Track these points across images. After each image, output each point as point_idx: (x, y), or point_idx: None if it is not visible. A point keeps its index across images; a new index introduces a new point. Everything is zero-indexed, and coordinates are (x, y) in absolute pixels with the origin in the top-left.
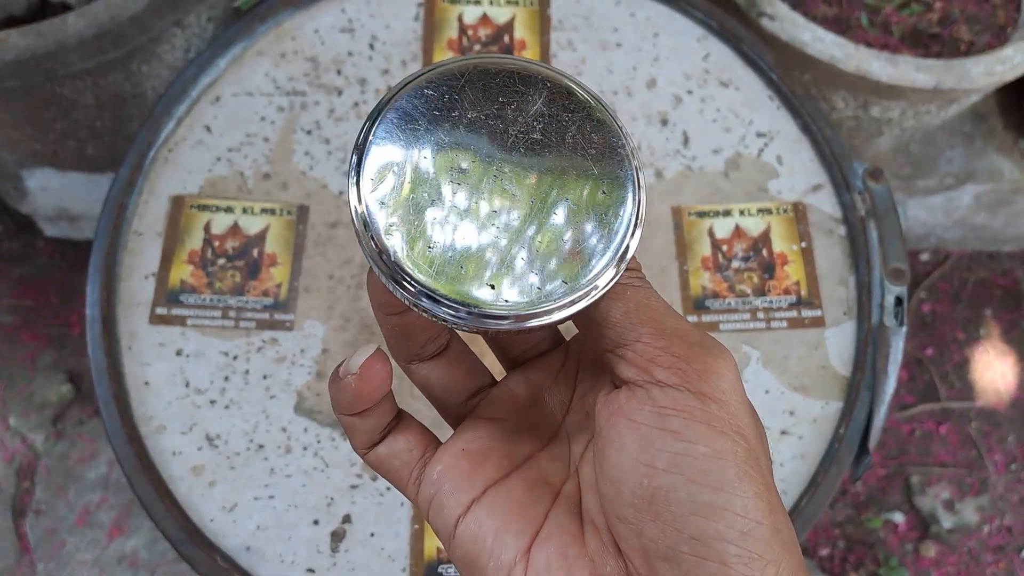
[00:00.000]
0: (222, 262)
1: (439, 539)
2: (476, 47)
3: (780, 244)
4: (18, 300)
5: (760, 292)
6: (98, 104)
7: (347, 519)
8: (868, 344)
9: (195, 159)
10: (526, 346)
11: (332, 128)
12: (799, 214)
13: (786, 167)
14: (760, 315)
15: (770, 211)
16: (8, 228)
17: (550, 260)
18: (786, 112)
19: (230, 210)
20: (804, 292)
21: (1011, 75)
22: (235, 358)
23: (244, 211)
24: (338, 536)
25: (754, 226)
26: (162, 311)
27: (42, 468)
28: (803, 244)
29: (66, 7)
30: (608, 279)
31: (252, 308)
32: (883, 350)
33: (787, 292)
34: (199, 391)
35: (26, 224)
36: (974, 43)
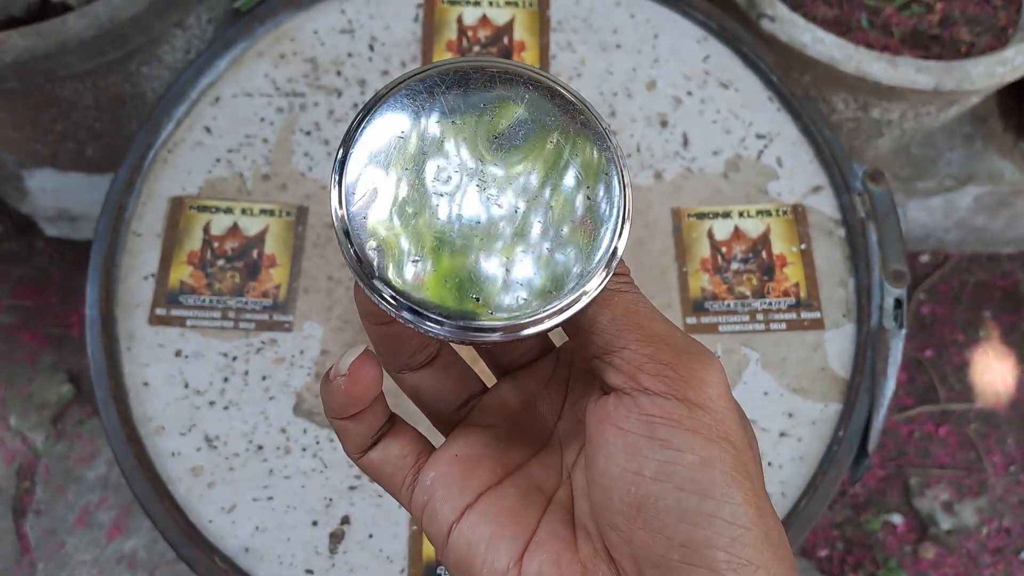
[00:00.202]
0: (221, 263)
1: (432, 545)
2: (475, 48)
3: (780, 246)
4: (18, 300)
5: (759, 294)
6: (98, 105)
7: (346, 520)
8: (867, 346)
9: (194, 160)
10: (516, 354)
11: (331, 129)
12: (799, 216)
13: (786, 169)
14: (759, 317)
15: (770, 213)
16: (8, 228)
17: (536, 267)
18: (786, 114)
19: (229, 211)
20: (803, 294)
21: (1012, 77)
22: (234, 359)
23: (243, 212)
24: (337, 537)
25: (754, 228)
26: (161, 312)
27: (42, 468)
28: (803, 246)
29: (66, 8)
30: (597, 283)
31: (251, 309)
32: (882, 352)
33: (786, 294)
34: (198, 392)
35: (26, 224)
36: (975, 44)
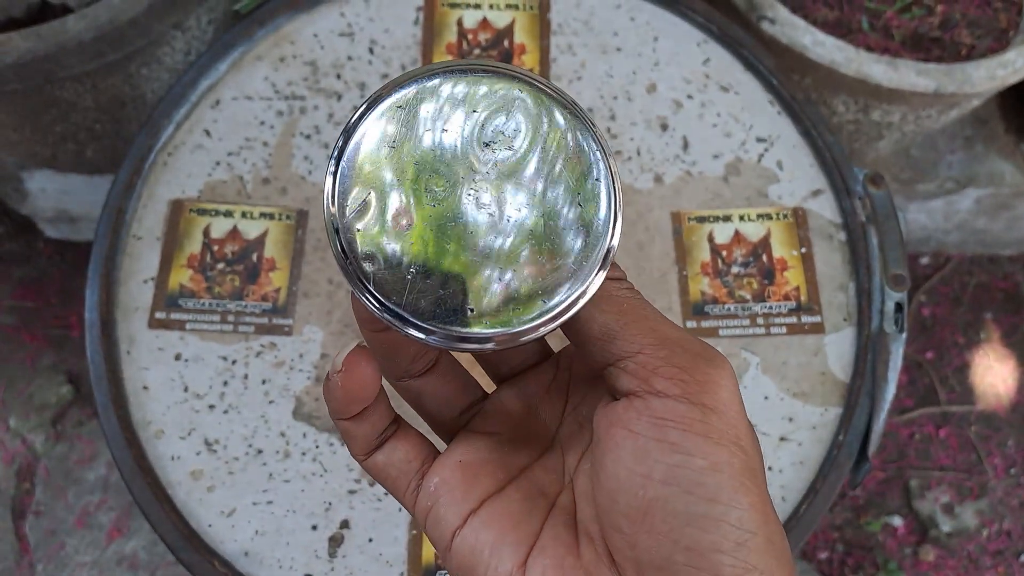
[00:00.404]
0: (221, 266)
1: (436, 550)
2: (476, 51)
3: (780, 249)
4: (18, 301)
5: (760, 298)
6: (98, 107)
7: (345, 524)
8: (868, 350)
9: (194, 163)
10: (515, 361)
11: (331, 133)
12: (799, 219)
13: (786, 172)
14: (759, 321)
15: (770, 216)
16: (8, 229)
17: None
18: (786, 117)
19: (229, 214)
20: (804, 298)
21: (1012, 79)
22: (234, 363)
23: (243, 215)
24: (336, 541)
25: (754, 231)
26: (161, 315)
27: (42, 469)
28: (803, 250)
29: (66, 10)
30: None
31: (251, 312)
32: (883, 356)
33: (787, 298)
34: (198, 396)
35: (26, 225)
36: (975, 47)
